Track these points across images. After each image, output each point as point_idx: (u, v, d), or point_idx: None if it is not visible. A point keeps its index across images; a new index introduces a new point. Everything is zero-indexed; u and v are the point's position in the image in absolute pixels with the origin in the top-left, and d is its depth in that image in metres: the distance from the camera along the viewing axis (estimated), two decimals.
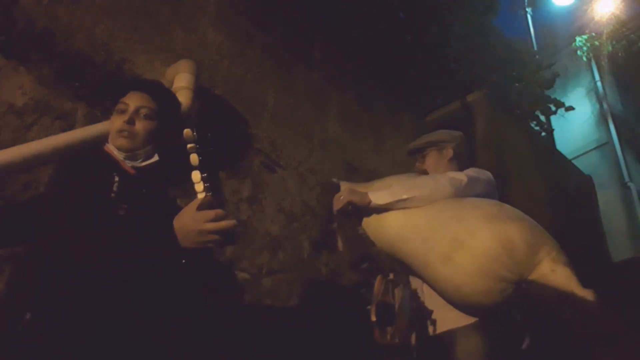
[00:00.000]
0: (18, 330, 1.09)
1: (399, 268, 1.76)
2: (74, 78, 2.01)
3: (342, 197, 1.77)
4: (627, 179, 6.80)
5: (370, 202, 1.74)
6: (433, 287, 1.67)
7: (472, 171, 1.87)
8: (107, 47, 2.16)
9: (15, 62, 1.87)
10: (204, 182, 1.13)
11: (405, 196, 1.72)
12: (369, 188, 1.82)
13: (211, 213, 1.11)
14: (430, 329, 1.68)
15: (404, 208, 1.72)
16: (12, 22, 1.90)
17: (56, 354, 1.08)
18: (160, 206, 1.34)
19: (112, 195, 1.23)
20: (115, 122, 1.40)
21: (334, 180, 1.93)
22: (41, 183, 1.72)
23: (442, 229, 1.61)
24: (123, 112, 1.40)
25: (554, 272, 1.47)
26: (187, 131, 1.17)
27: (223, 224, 1.11)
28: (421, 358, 1.62)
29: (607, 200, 6.10)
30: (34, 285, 1.16)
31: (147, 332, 1.17)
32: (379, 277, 1.66)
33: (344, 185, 1.89)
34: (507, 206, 1.68)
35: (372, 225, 1.79)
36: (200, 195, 1.14)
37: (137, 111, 1.39)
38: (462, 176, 1.80)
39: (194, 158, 1.19)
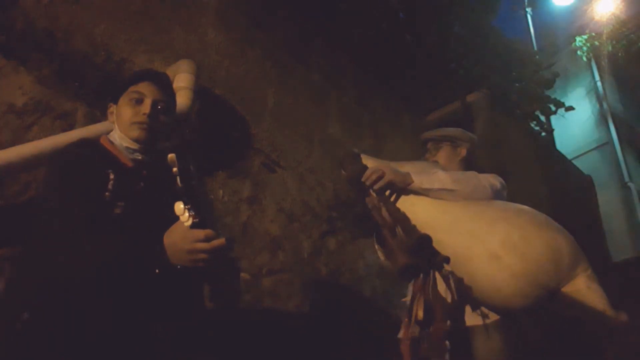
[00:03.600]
0: (16, 329, 1.09)
1: None
2: (74, 78, 2.01)
3: (383, 174, 1.70)
4: (627, 179, 6.80)
5: (411, 183, 1.70)
6: (465, 280, 1.63)
7: (499, 178, 1.88)
8: (107, 47, 2.16)
9: (15, 62, 1.87)
10: (189, 211, 1.12)
11: (450, 187, 1.70)
12: (402, 169, 1.78)
13: (201, 233, 1.10)
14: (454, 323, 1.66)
15: (441, 198, 1.71)
16: (12, 22, 1.90)
17: (54, 354, 1.08)
18: (159, 201, 1.32)
19: (107, 194, 1.22)
20: (131, 112, 1.35)
21: (355, 150, 1.83)
22: (40, 184, 1.72)
23: (490, 227, 1.61)
24: (139, 101, 1.36)
25: (589, 289, 1.52)
26: (171, 156, 1.17)
27: (213, 244, 1.11)
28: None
29: (607, 200, 6.09)
30: (31, 285, 1.16)
31: (146, 332, 1.17)
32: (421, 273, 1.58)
33: (371, 160, 1.83)
34: (547, 216, 1.70)
35: (402, 207, 1.73)
36: (188, 223, 1.13)
37: (155, 104, 1.36)
38: (497, 182, 1.83)
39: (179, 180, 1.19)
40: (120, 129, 1.38)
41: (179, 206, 1.13)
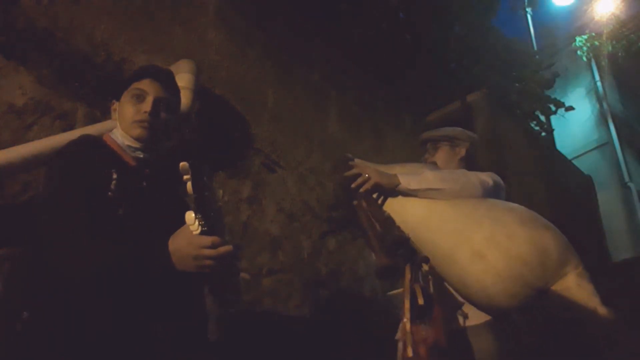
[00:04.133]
0: (16, 329, 1.09)
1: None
2: (74, 78, 2.02)
3: (369, 177, 1.71)
4: (627, 179, 6.80)
5: (398, 184, 1.71)
6: (453, 281, 1.64)
7: (494, 176, 1.86)
8: (107, 47, 2.16)
9: (15, 62, 1.87)
10: (199, 221, 1.12)
11: (437, 186, 1.69)
12: (391, 171, 1.78)
13: (208, 239, 1.10)
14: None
15: (429, 198, 1.70)
16: (12, 22, 1.90)
17: (54, 354, 1.08)
18: (161, 200, 1.32)
19: (110, 194, 1.21)
20: (133, 110, 1.33)
21: (348, 155, 1.84)
22: (41, 183, 1.73)
23: (476, 226, 1.60)
24: (141, 99, 1.34)
25: (579, 287, 1.50)
26: (183, 164, 1.17)
27: (219, 250, 1.11)
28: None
29: (607, 200, 6.10)
30: (31, 285, 1.15)
31: (146, 332, 1.17)
32: (407, 266, 1.60)
33: (362, 164, 1.83)
34: (537, 214, 1.68)
35: (392, 208, 1.73)
36: (197, 232, 1.12)
37: (157, 102, 1.34)
38: (489, 179, 1.80)
39: (189, 188, 1.19)
40: (121, 127, 1.36)
41: (190, 215, 1.12)
